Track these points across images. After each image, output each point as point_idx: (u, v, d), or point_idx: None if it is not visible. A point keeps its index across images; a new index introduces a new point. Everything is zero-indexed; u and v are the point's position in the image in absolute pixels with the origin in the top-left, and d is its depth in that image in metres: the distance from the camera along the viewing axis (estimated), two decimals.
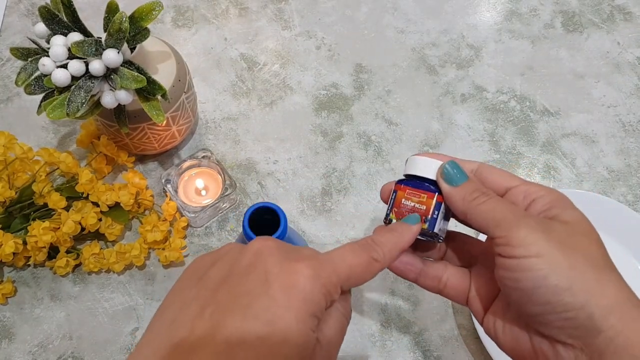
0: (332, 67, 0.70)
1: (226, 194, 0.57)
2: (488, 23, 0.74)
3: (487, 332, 0.35)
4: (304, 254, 0.29)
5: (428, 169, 0.36)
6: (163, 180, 0.57)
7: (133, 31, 0.47)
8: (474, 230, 0.39)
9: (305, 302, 0.27)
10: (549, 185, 0.63)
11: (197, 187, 0.59)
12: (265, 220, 0.41)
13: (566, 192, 0.59)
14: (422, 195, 0.36)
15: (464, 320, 0.56)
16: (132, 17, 0.46)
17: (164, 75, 0.54)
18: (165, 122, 0.53)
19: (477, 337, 0.54)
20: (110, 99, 0.47)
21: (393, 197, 0.37)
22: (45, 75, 0.46)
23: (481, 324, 0.36)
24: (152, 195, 0.60)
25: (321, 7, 0.75)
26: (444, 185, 0.35)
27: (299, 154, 0.65)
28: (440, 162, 0.36)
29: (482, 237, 0.39)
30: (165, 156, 0.64)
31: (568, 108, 0.68)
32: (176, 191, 0.58)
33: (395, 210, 0.37)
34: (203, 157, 0.59)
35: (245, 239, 0.40)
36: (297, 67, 0.70)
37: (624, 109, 0.68)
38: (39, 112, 0.48)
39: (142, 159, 0.64)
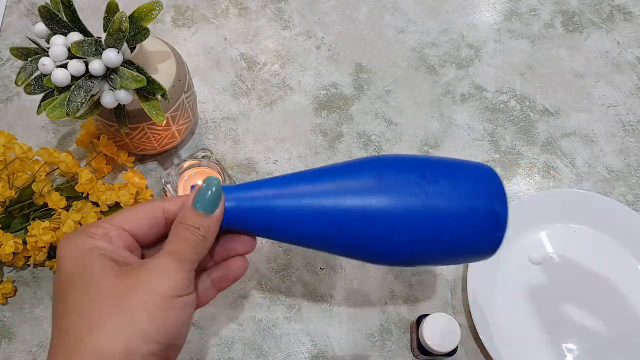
0: (332, 67, 0.70)
1: None
2: (488, 23, 0.74)
3: None
4: None
5: None
6: (163, 180, 0.57)
7: (133, 31, 0.47)
8: None
9: None
10: (548, 185, 0.63)
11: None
12: None
13: (566, 192, 0.60)
14: None
15: (463, 320, 0.56)
16: (131, 17, 0.46)
17: (163, 75, 0.54)
18: (165, 122, 0.53)
19: (477, 337, 0.54)
20: (110, 98, 0.47)
21: None
22: (45, 75, 0.46)
23: None
24: (152, 195, 0.60)
25: (321, 7, 0.75)
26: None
27: (298, 154, 0.65)
28: None
29: None
30: (165, 156, 0.64)
31: (568, 108, 0.68)
32: (176, 191, 0.58)
33: None
34: (203, 156, 0.59)
35: None
36: (297, 67, 0.70)
37: (624, 109, 0.68)
38: (38, 112, 0.48)
39: (142, 158, 0.64)
